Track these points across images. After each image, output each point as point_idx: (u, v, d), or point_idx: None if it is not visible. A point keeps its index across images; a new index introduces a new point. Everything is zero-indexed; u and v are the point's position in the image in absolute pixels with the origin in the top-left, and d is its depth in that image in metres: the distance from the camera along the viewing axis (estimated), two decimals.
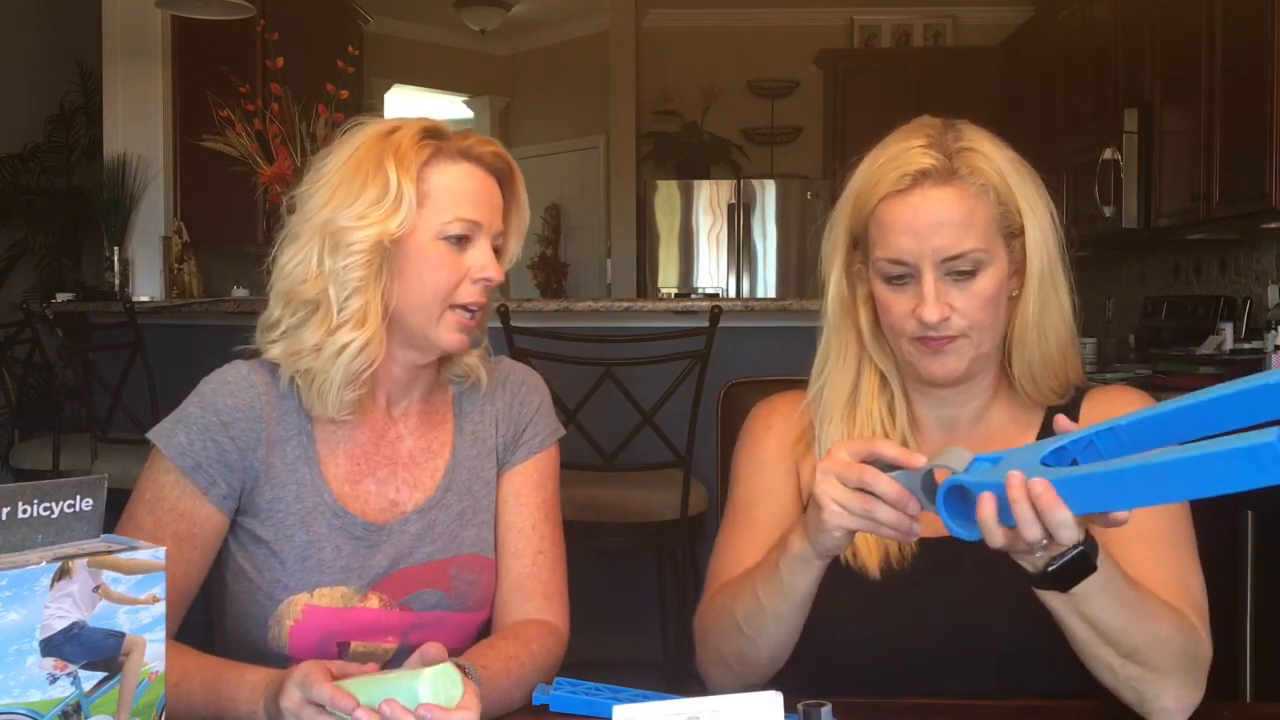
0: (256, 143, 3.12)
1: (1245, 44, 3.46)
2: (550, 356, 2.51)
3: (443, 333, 1.20)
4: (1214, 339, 3.75)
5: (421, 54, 7.28)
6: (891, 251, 1.12)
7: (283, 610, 1.18)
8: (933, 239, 1.10)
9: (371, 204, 1.16)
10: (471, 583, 1.26)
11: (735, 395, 1.54)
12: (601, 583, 3.00)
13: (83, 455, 3.23)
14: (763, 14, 6.67)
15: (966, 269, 1.11)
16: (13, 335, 3.62)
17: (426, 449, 1.28)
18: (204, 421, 1.19)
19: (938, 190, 1.11)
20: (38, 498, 0.81)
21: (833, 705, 0.88)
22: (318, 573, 1.19)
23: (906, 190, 1.12)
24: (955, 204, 1.11)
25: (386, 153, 1.17)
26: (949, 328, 1.12)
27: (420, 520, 1.25)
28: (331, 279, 1.16)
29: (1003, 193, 1.13)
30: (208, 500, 1.18)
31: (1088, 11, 4.92)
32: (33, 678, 0.77)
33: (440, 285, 1.19)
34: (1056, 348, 1.17)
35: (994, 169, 1.13)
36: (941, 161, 1.12)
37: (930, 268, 1.11)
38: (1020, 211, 1.14)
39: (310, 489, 1.21)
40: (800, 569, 1.05)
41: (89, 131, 5.24)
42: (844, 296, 1.20)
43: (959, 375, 1.15)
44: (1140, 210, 4.18)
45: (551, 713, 1.05)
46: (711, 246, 6.37)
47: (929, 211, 1.11)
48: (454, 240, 1.19)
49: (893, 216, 1.12)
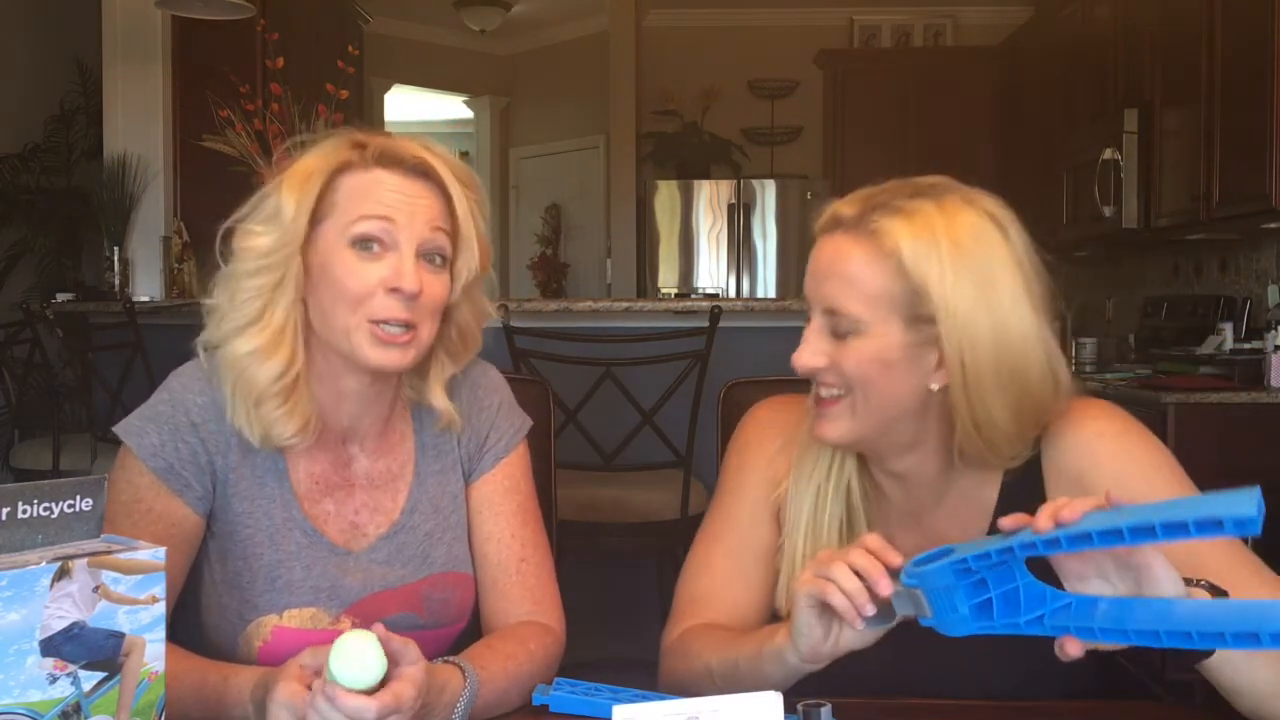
0: (256, 143, 3.12)
1: (1245, 44, 3.46)
2: (550, 356, 2.51)
3: (360, 347, 1.11)
4: (1214, 339, 3.75)
5: (421, 54, 7.28)
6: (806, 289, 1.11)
7: (251, 630, 1.14)
8: (822, 285, 1.08)
9: (257, 220, 1.14)
10: (444, 601, 1.23)
11: (735, 395, 1.54)
12: (601, 583, 3.00)
13: (83, 455, 3.23)
14: (763, 14, 6.66)
15: (844, 329, 1.06)
16: (13, 335, 3.63)
17: (385, 471, 1.22)
18: (174, 421, 1.15)
19: (843, 239, 1.07)
20: (38, 498, 0.81)
21: (833, 705, 0.88)
22: (286, 593, 1.15)
23: (824, 231, 1.10)
24: (849, 259, 1.06)
25: (291, 171, 1.14)
26: (822, 376, 1.08)
27: (387, 545, 1.20)
28: (222, 284, 1.15)
29: (909, 268, 1.03)
30: (184, 502, 1.14)
31: (1088, 11, 4.92)
32: (33, 678, 0.77)
33: (347, 295, 1.10)
34: (1003, 439, 1.06)
35: (906, 240, 1.03)
36: (858, 213, 1.07)
37: (818, 313, 1.08)
38: (932, 298, 1.02)
39: (279, 503, 1.17)
40: (777, 664, 1.02)
41: (89, 131, 5.24)
42: None
43: (841, 440, 1.10)
44: (1140, 210, 4.18)
45: (551, 713, 1.05)
46: (711, 246, 6.37)
47: (825, 257, 1.08)
48: (362, 245, 1.11)
49: (812, 255, 1.11)
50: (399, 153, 1.13)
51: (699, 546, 1.25)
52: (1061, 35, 5.27)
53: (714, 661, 1.11)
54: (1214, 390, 3.03)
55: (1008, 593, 0.89)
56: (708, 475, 1.94)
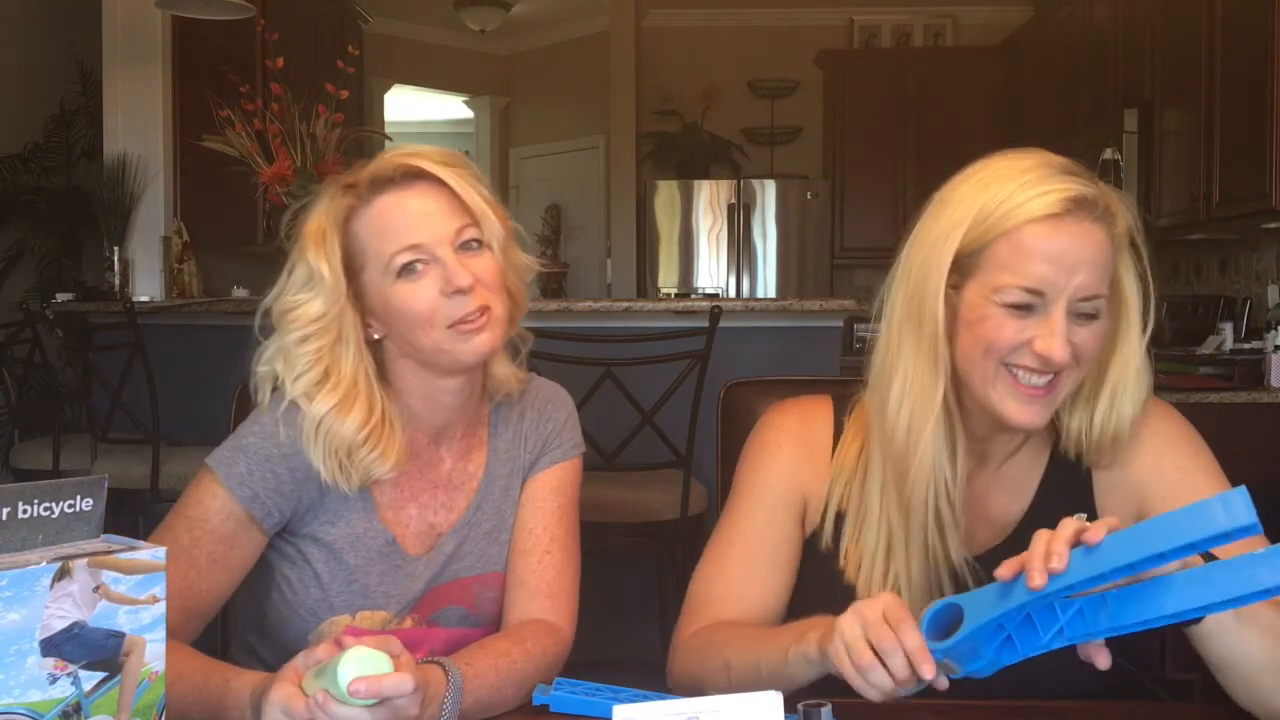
0: (256, 143, 3.12)
1: (1245, 44, 3.46)
2: (550, 356, 2.51)
3: (456, 351, 1.18)
4: (1214, 339, 3.75)
5: (421, 54, 7.28)
6: (1029, 279, 1.04)
7: (324, 629, 1.20)
8: (1077, 274, 1.04)
9: (297, 290, 1.19)
10: (493, 599, 1.28)
11: (735, 395, 1.54)
12: (601, 583, 2.99)
13: (83, 455, 3.23)
14: (763, 14, 6.66)
15: (1090, 312, 1.06)
16: (13, 335, 3.62)
17: (464, 470, 1.29)
18: (264, 452, 1.19)
19: (1093, 225, 1.05)
20: (38, 498, 0.81)
21: (833, 705, 0.88)
22: (362, 597, 1.21)
23: (1059, 216, 1.04)
24: (1104, 244, 1.06)
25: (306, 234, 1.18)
26: (1058, 366, 1.06)
27: (453, 540, 1.26)
28: (279, 356, 1.19)
29: (1118, 244, 1.09)
30: (258, 527, 1.18)
31: (1088, 11, 4.92)
32: (33, 678, 0.77)
33: (419, 317, 1.17)
34: (1129, 418, 1.12)
35: (1124, 218, 1.09)
36: (1097, 195, 1.07)
37: (1064, 301, 1.04)
38: (1119, 263, 1.10)
39: (362, 515, 1.22)
40: (805, 667, 1.02)
41: (89, 131, 5.24)
42: (938, 323, 1.09)
43: (1039, 426, 1.10)
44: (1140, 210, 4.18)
45: (551, 713, 1.05)
46: (711, 246, 6.37)
47: (1080, 245, 1.04)
48: (409, 272, 1.17)
49: (1038, 242, 1.04)
50: (386, 172, 1.17)
51: (714, 548, 1.25)
52: (1061, 35, 5.27)
53: (734, 658, 1.11)
54: (1214, 390, 3.03)
55: (1021, 622, 0.90)
56: (708, 475, 1.94)
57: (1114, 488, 1.17)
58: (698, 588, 1.23)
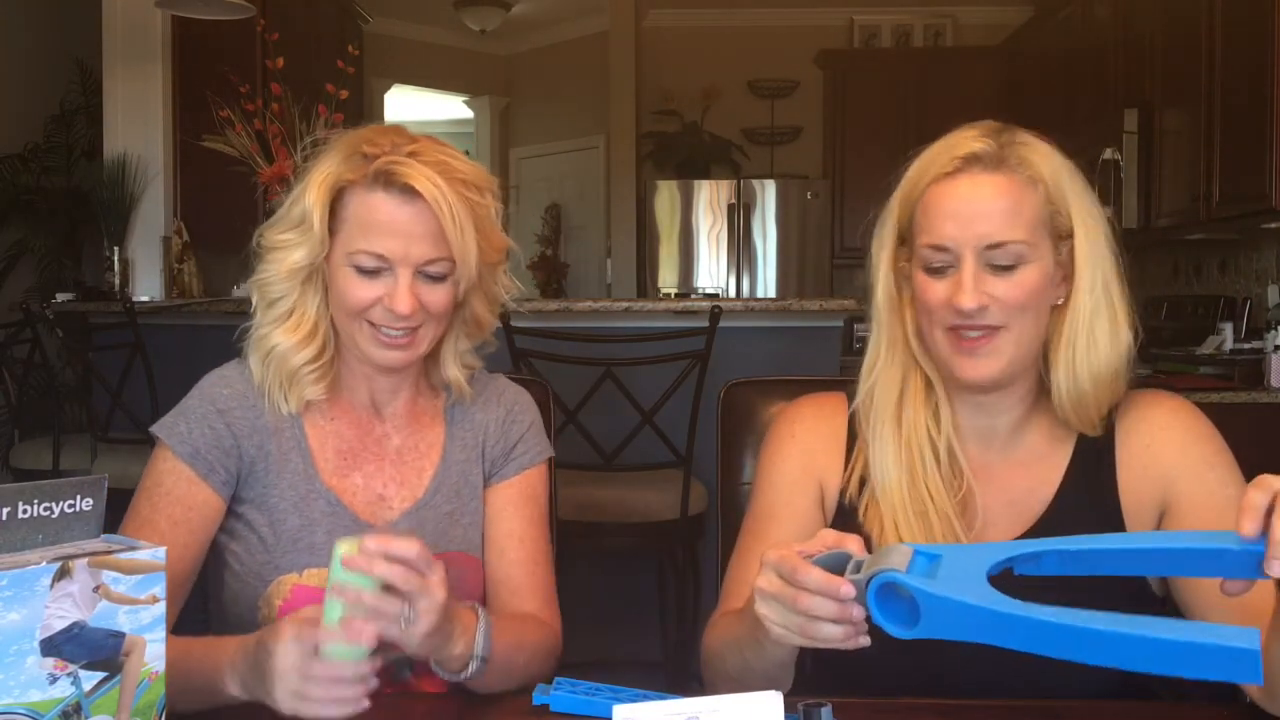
0: (256, 143, 3.12)
1: (1245, 44, 3.46)
2: (550, 356, 2.51)
3: (368, 349, 1.22)
4: (1214, 339, 3.75)
5: (421, 54, 7.28)
6: (934, 237, 1.11)
7: (272, 590, 1.21)
8: (976, 225, 1.09)
9: (289, 227, 1.21)
10: (457, 578, 1.27)
11: (735, 395, 1.54)
12: (601, 583, 3.00)
13: (83, 455, 3.23)
14: (763, 14, 6.66)
15: (1008, 262, 1.09)
16: (13, 335, 3.62)
17: (414, 447, 1.31)
18: (202, 410, 1.24)
19: (986, 176, 1.10)
20: (38, 498, 0.81)
21: (833, 706, 0.88)
22: (308, 554, 1.22)
23: (954, 174, 1.11)
24: (1002, 191, 1.10)
25: (315, 177, 1.20)
26: (986, 317, 1.10)
27: (410, 520, 1.27)
28: (255, 287, 1.24)
29: (1052, 191, 1.12)
30: (206, 485, 1.21)
31: (1088, 11, 4.92)
32: (33, 678, 0.77)
33: (349, 307, 1.21)
34: (1107, 365, 1.13)
35: (1046, 165, 1.12)
36: (992, 148, 1.11)
37: (971, 255, 1.09)
38: (1070, 214, 1.12)
39: (303, 477, 1.25)
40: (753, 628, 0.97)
41: (89, 131, 5.24)
42: (892, 295, 1.18)
43: (994, 378, 1.13)
44: (1140, 210, 4.18)
45: (551, 713, 1.05)
46: (711, 246, 6.37)
47: (975, 197, 1.10)
48: (362, 270, 1.19)
49: (938, 201, 1.11)
50: (396, 177, 1.17)
51: (739, 541, 1.26)
52: (1061, 35, 5.27)
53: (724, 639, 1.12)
54: (1214, 390, 3.03)
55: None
56: (708, 475, 1.94)
57: (1139, 477, 1.17)
58: (724, 584, 1.25)
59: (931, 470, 1.16)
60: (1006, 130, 1.14)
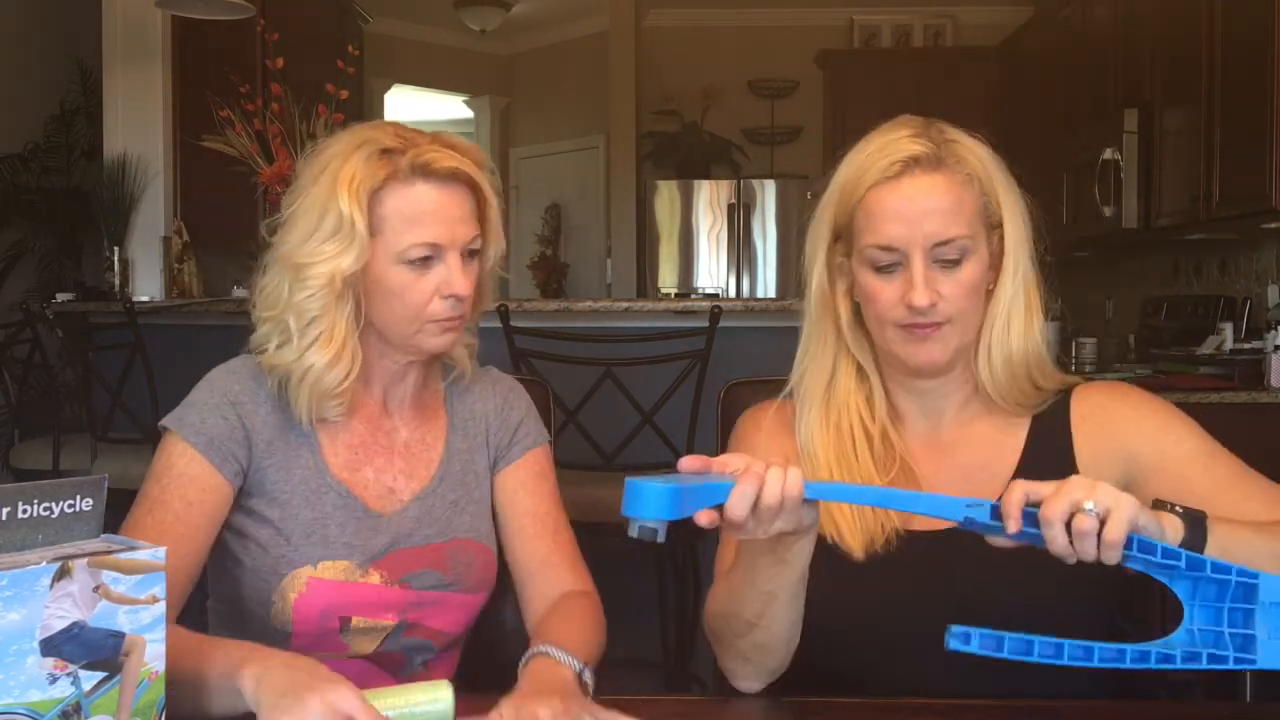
0: (256, 143, 3.12)
1: (1245, 44, 3.46)
2: (550, 356, 2.51)
3: (424, 342, 1.25)
4: (1214, 339, 3.75)
5: (421, 54, 7.28)
6: (881, 238, 1.14)
7: (286, 584, 1.21)
8: (923, 225, 1.12)
9: (326, 238, 1.19)
10: (468, 564, 1.31)
11: (735, 395, 1.55)
12: (602, 583, 2.99)
13: (83, 455, 3.23)
14: (763, 14, 6.66)
15: (953, 257, 1.14)
16: (13, 335, 3.62)
17: (421, 439, 1.34)
18: (214, 402, 1.24)
19: (927, 177, 1.14)
20: (38, 498, 0.81)
21: (832, 705, 0.87)
22: (322, 547, 1.23)
23: (896, 177, 1.14)
24: (944, 191, 1.14)
25: (342, 181, 1.18)
26: (936, 314, 1.13)
27: (417, 507, 1.30)
28: (292, 310, 1.21)
29: (985, 184, 1.16)
30: (219, 473, 1.21)
31: (1088, 11, 4.92)
32: (33, 678, 0.77)
33: (409, 307, 1.22)
34: (1019, 348, 1.18)
35: (978, 160, 1.17)
36: (930, 149, 1.14)
37: (920, 253, 1.13)
38: (1000, 205, 1.17)
39: (314, 472, 1.26)
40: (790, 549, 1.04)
41: (89, 131, 5.24)
42: (824, 290, 1.22)
43: (942, 363, 1.17)
44: (1140, 210, 4.18)
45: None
46: (711, 246, 6.37)
47: (919, 198, 1.13)
48: (418, 264, 1.21)
49: (882, 204, 1.14)
50: (434, 166, 1.20)
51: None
52: (1061, 35, 5.27)
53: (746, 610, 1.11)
54: (1214, 390, 3.03)
55: None
56: None
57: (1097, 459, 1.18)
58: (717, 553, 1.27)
59: (864, 454, 1.20)
60: (934, 126, 1.18)
